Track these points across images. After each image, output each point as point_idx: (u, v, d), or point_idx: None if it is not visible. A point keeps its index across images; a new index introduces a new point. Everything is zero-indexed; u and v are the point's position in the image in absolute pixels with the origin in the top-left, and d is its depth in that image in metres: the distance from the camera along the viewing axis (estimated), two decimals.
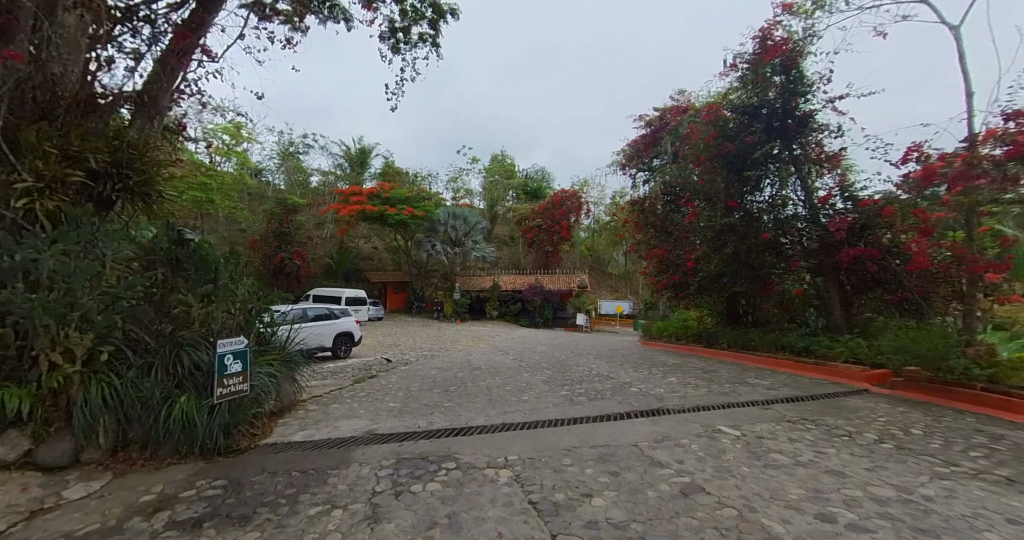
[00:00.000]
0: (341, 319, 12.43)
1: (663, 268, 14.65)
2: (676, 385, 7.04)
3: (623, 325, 36.45)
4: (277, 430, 4.84)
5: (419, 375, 8.69)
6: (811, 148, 9.53)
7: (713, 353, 11.65)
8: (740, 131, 9.80)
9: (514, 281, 32.73)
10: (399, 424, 5.00)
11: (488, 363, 10.40)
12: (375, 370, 9.67)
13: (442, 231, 30.77)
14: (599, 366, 9.74)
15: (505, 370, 9.17)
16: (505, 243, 47.25)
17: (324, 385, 7.68)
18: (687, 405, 5.60)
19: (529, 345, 16.30)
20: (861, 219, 8.11)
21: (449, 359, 11.44)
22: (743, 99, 9.85)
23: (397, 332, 21.25)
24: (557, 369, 9.26)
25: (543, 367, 9.62)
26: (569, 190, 37.83)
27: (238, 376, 4.29)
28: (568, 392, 6.62)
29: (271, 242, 26.27)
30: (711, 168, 10.45)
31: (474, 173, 49.50)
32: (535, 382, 7.61)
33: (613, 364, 10.07)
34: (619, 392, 6.59)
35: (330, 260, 32.09)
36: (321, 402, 6.25)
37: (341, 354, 12.16)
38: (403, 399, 6.36)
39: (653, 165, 15.63)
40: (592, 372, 8.75)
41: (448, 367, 9.81)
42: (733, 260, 10.07)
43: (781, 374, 7.91)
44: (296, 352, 6.28)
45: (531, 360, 10.91)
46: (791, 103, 9.25)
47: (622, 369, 9.18)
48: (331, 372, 9.59)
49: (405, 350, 14.07)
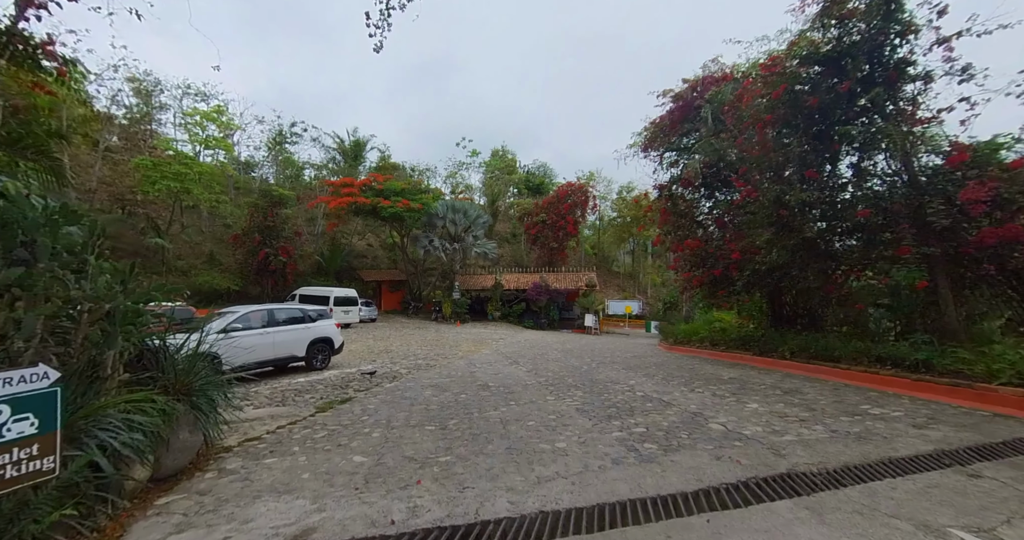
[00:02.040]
0: (318, 322, 10.30)
1: (698, 261, 12.54)
2: (769, 417, 4.94)
3: (632, 326, 34.37)
4: (137, 530, 2.70)
5: (408, 398, 6.56)
6: (910, 102, 7.43)
7: (769, 363, 9.54)
8: (818, 84, 7.72)
9: (517, 280, 30.60)
10: (359, 513, 2.88)
11: (497, 378, 8.27)
12: (352, 389, 7.54)
13: (440, 226, 28.62)
14: (638, 382, 7.62)
15: (521, 389, 7.05)
16: (507, 240, 45.13)
17: (273, 416, 5.55)
18: (829, 464, 3.49)
19: (539, 350, 14.18)
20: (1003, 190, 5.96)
21: (448, 371, 9.32)
22: (824, 42, 7.74)
23: (390, 335, 19.11)
24: (588, 387, 7.14)
25: (568, 384, 7.50)
26: (575, 183, 35.69)
27: (28, 445, 2.17)
28: (624, 433, 4.50)
29: (254, 237, 24.10)
30: (776, 134, 8.33)
31: (474, 168, 47.36)
32: (567, 411, 5.48)
33: (653, 379, 7.96)
34: (697, 432, 4.48)
35: (319, 257, 29.92)
36: (252, 452, 4.12)
37: (317, 364, 10.03)
38: (377, 447, 4.23)
39: (683, 144, 13.51)
40: (636, 393, 6.63)
41: (446, 384, 7.68)
42: (804, 248, 7.99)
43: (900, 398, 5.81)
44: (217, 378, 4.17)
45: (550, 373, 8.78)
46: (887, 44, 7.16)
47: (670, 386, 7.08)
48: (295, 391, 7.46)
49: (396, 358, 11.95)
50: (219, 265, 25.39)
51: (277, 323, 9.42)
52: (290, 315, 9.94)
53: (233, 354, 8.56)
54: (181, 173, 21.56)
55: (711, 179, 11.94)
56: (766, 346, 10.21)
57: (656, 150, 14.70)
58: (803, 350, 8.93)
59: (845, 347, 7.73)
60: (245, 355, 8.59)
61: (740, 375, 8.26)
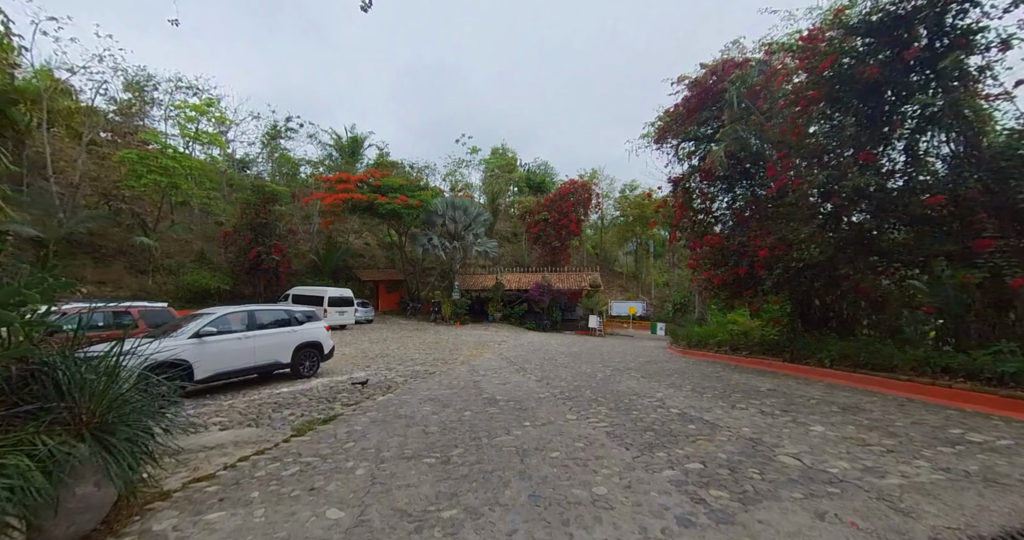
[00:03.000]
0: (305, 325, 9.33)
1: (718, 259, 11.60)
2: (847, 445, 3.98)
3: (636, 327, 33.42)
4: None
5: (402, 416, 5.59)
6: (975, 77, 6.50)
7: (805, 371, 8.60)
8: (865, 56, 6.78)
9: (519, 280, 29.64)
10: None
11: (505, 389, 7.30)
12: (340, 402, 6.57)
13: (440, 224, 27.65)
14: (666, 394, 6.67)
15: (534, 405, 6.09)
16: (507, 239, 44.15)
17: (238, 442, 4.57)
18: (980, 529, 2.54)
19: (545, 354, 13.23)
20: None
21: (449, 380, 8.35)
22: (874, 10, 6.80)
23: (387, 337, 18.14)
24: (611, 401, 6.18)
25: (587, 397, 6.54)
26: (579, 180, 34.72)
27: None
28: (677, 471, 3.54)
29: (245, 234, 23.07)
30: (821, 115, 7.38)
31: (474, 166, 46.21)
32: (595, 437, 4.52)
33: (681, 390, 7.01)
34: (769, 469, 3.52)
35: (314, 257, 28.90)
36: (195, 501, 3.15)
37: (304, 372, 9.06)
38: (361, 492, 3.26)
39: (701, 133, 12.56)
40: (669, 409, 5.68)
41: (448, 397, 6.71)
42: (854, 242, 7.06)
43: (990, 419, 4.86)
44: (155, 402, 3.20)
45: (563, 383, 7.82)
46: (954, 7, 6.23)
47: (705, 401, 6.13)
48: (275, 405, 6.48)
49: (392, 363, 10.99)
50: (210, 264, 24.37)
51: (259, 326, 8.45)
52: (274, 317, 8.97)
53: (207, 362, 7.61)
54: (168, 167, 20.54)
55: (731, 170, 10.99)
56: (799, 352, 9.27)
57: (671, 141, 13.75)
58: (845, 358, 7.99)
59: (902, 356, 6.78)
60: (221, 362, 7.64)
61: (778, 386, 7.31)
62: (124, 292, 19.71)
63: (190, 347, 7.12)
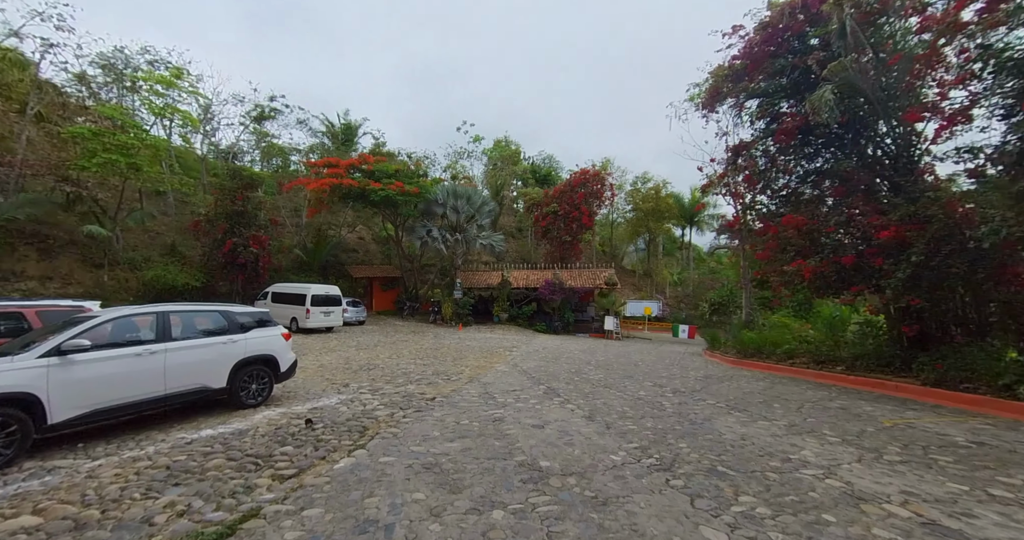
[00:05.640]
0: (252, 333, 6.60)
1: (807, 247, 8.90)
2: None
3: (652, 329, 30.73)
4: None
5: (371, 524, 2.89)
6: None
7: (971, 402, 5.93)
8: None
9: (526, 277, 26.94)
10: None
11: (546, 439, 4.57)
12: (274, 466, 3.84)
13: (440, 214, 24.93)
14: (821, 453, 3.92)
15: (614, 484, 3.37)
16: (512, 235, 41.44)
17: None
18: None
19: (570, 365, 10.57)
20: None
21: (454, 414, 5.64)
22: None
23: (379, 342, 15.41)
24: (743, 476, 3.46)
25: (692, 460, 3.80)
26: (590, 170, 31.96)
27: None
28: None
29: (220, 224, 20.35)
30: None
31: (476, 157, 43.39)
32: None
33: (825, 442, 4.25)
34: None
35: (299, 251, 26.15)
36: None
37: (248, 399, 6.35)
38: None
39: (776, 85, 9.81)
40: (853, 494, 2.98)
41: (456, 458, 3.99)
42: None
43: None
44: None
45: (629, 423, 5.07)
46: None
47: (894, 469, 3.41)
48: (165, 474, 3.74)
49: (379, 378, 8.29)
50: (181, 258, 21.63)
51: (173, 337, 5.73)
52: (203, 322, 6.26)
53: (76, 393, 4.91)
54: (128, 145, 17.80)
55: (843, 117, 8.08)
56: (950, 373, 6.59)
57: (728, 100, 11.02)
58: None
59: None
60: (105, 393, 4.93)
61: (971, 435, 4.63)
62: (74, 289, 17.01)
63: (39, 371, 4.40)
